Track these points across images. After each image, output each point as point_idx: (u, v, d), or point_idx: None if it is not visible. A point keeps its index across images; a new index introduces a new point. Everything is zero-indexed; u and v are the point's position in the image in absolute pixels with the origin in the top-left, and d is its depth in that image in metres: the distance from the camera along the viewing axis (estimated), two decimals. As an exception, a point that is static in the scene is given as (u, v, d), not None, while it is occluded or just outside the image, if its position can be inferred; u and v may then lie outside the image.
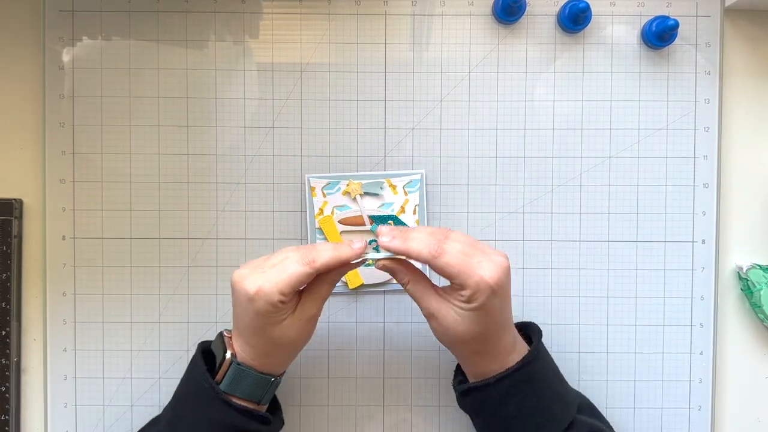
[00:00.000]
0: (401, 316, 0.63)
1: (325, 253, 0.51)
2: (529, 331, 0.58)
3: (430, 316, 0.53)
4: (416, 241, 0.51)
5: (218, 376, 0.53)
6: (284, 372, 0.56)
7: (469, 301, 0.50)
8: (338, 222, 0.62)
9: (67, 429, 0.63)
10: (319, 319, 0.63)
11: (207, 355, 0.55)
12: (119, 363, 0.63)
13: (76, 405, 0.63)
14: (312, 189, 0.62)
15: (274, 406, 0.58)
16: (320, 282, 0.53)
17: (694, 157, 0.63)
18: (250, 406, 0.53)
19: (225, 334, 0.55)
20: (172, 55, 0.62)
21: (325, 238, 0.61)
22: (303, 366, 0.63)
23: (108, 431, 0.63)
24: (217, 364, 0.53)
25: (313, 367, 0.63)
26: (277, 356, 0.54)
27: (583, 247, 0.63)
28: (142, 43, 0.62)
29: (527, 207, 0.63)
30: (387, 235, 0.52)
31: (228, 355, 0.53)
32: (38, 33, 0.62)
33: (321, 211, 0.62)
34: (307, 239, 0.62)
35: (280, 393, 0.60)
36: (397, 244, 0.51)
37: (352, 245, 0.52)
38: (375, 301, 0.63)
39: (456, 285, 0.50)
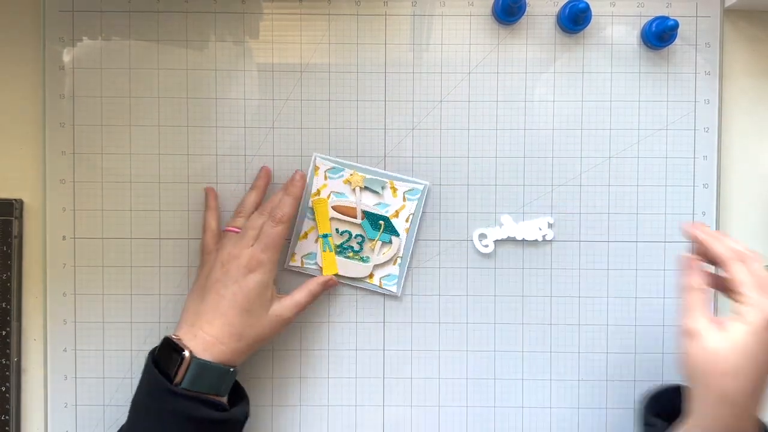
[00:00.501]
0: (401, 316, 0.63)
1: (285, 207, 0.58)
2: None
3: (693, 334, 0.47)
4: (726, 240, 0.50)
5: (177, 378, 0.53)
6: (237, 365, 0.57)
7: (750, 323, 0.44)
8: (331, 207, 0.62)
9: (67, 429, 0.63)
10: (319, 318, 0.63)
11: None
12: (119, 363, 0.63)
13: (76, 405, 0.63)
14: (316, 168, 0.62)
15: (239, 396, 0.58)
16: (302, 290, 0.59)
17: (694, 158, 0.63)
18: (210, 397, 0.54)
19: (173, 337, 0.55)
20: (172, 55, 0.62)
21: (314, 219, 0.61)
22: (303, 366, 0.63)
23: (108, 431, 0.63)
24: (175, 367, 0.53)
25: (313, 367, 0.63)
26: (245, 341, 0.55)
27: (583, 247, 0.63)
28: (142, 44, 0.62)
29: (527, 207, 0.63)
30: (694, 226, 0.52)
31: (186, 353, 0.53)
32: (38, 33, 0.62)
33: (318, 192, 0.62)
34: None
35: (280, 393, 0.60)
36: (706, 232, 0.51)
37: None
38: (375, 301, 0.63)
39: (740, 299, 0.46)
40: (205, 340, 0.54)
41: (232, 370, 0.55)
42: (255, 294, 0.55)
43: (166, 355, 0.54)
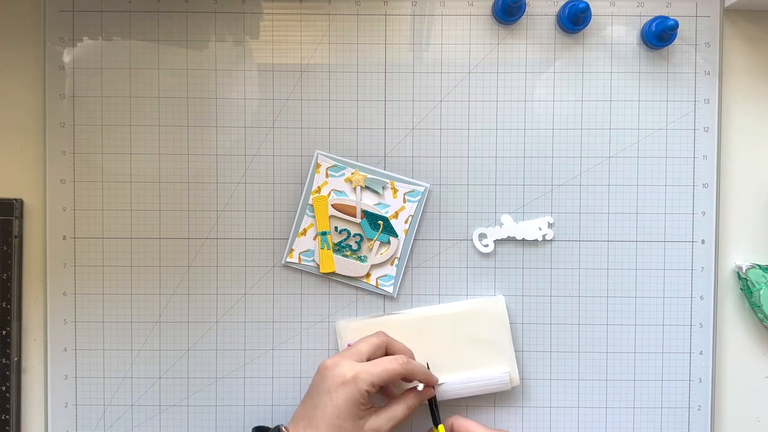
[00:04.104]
0: (401, 316, 0.63)
1: (416, 365, 0.57)
2: None
3: None
4: None
5: None
6: None
7: None
8: (331, 205, 0.62)
9: (67, 429, 0.63)
10: (319, 318, 0.63)
11: None
12: (119, 363, 0.63)
13: (76, 405, 0.63)
14: (318, 165, 0.62)
15: None
16: (399, 403, 0.57)
17: (694, 157, 0.63)
18: None
19: (283, 429, 0.55)
20: (172, 55, 0.63)
21: (314, 217, 0.62)
22: (303, 366, 0.63)
23: (108, 431, 0.63)
24: None
25: (314, 366, 0.63)
26: None
27: (583, 247, 0.63)
28: (142, 44, 0.62)
29: (527, 207, 0.63)
30: None
31: None
32: (39, 33, 0.63)
33: (318, 189, 0.62)
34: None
35: (280, 393, 0.60)
36: None
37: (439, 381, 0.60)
38: (375, 301, 0.63)
39: None
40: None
41: None
42: (345, 409, 0.53)
43: None
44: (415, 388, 0.58)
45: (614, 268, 0.63)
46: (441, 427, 0.58)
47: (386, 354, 0.58)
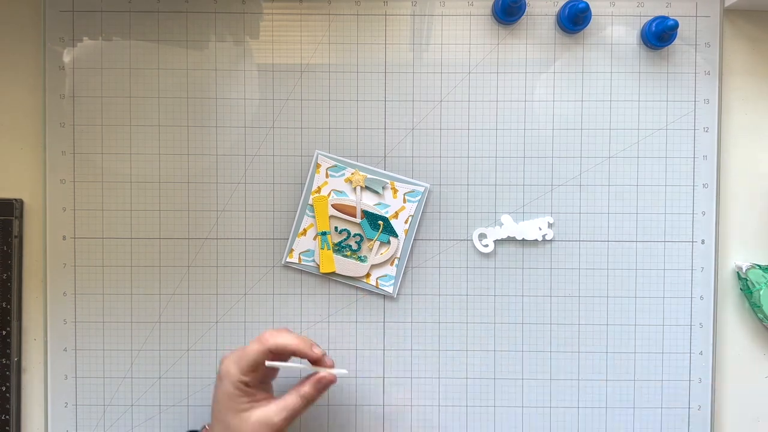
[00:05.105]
0: (401, 316, 0.63)
1: (280, 337, 0.53)
2: None
3: None
4: None
5: None
6: None
7: None
8: (331, 205, 0.62)
9: (67, 429, 0.63)
10: (319, 318, 0.63)
11: None
12: (119, 363, 0.63)
13: (76, 405, 0.63)
14: (318, 165, 0.62)
15: None
16: (293, 394, 0.54)
17: (694, 157, 0.63)
18: None
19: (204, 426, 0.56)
20: (172, 55, 0.63)
21: (314, 217, 0.62)
22: (303, 366, 0.63)
23: (108, 431, 0.63)
24: None
25: (313, 367, 0.63)
26: None
27: (583, 247, 0.63)
28: (142, 44, 0.62)
29: (527, 207, 0.63)
30: None
31: None
32: (39, 33, 0.63)
33: (318, 189, 0.62)
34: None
35: (279, 391, 0.60)
36: None
37: (313, 348, 0.54)
38: (375, 301, 0.63)
39: None
40: None
41: None
42: (224, 404, 0.52)
43: None
44: (312, 376, 0.54)
45: (614, 268, 0.63)
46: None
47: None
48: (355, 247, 0.62)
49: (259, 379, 0.54)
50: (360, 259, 0.62)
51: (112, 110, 0.63)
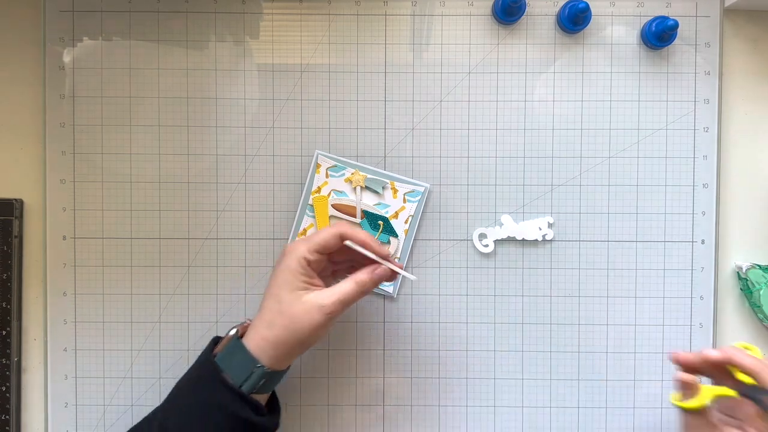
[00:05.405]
0: (401, 316, 0.63)
1: (357, 231, 0.53)
2: None
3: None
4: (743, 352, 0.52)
5: (217, 348, 0.55)
6: (285, 370, 0.55)
7: None
8: (331, 205, 0.62)
9: (67, 429, 0.63)
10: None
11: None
12: (119, 363, 0.63)
13: (76, 405, 0.63)
14: (318, 165, 0.62)
15: (272, 408, 0.58)
16: (348, 280, 0.53)
17: (694, 157, 0.63)
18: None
19: (246, 320, 0.57)
20: (172, 55, 0.63)
21: (314, 217, 0.62)
22: (303, 365, 0.63)
23: (108, 431, 0.63)
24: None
25: (313, 366, 0.63)
26: (288, 343, 0.52)
27: (583, 247, 0.63)
28: (142, 44, 0.62)
29: (527, 207, 0.63)
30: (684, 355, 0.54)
31: (232, 332, 0.55)
32: (39, 33, 0.63)
33: (318, 189, 0.62)
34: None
35: (280, 392, 0.60)
36: (721, 350, 0.52)
37: (382, 246, 0.54)
38: (375, 301, 0.63)
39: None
40: (248, 324, 0.55)
41: (260, 365, 0.52)
42: (282, 279, 0.52)
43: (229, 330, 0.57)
44: (371, 265, 0.54)
45: (614, 268, 0.63)
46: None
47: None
48: (355, 247, 0.62)
49: (322, 265, 0.54)
50: (360, 259, 0.62)
51: (112, 110, 0.63)
